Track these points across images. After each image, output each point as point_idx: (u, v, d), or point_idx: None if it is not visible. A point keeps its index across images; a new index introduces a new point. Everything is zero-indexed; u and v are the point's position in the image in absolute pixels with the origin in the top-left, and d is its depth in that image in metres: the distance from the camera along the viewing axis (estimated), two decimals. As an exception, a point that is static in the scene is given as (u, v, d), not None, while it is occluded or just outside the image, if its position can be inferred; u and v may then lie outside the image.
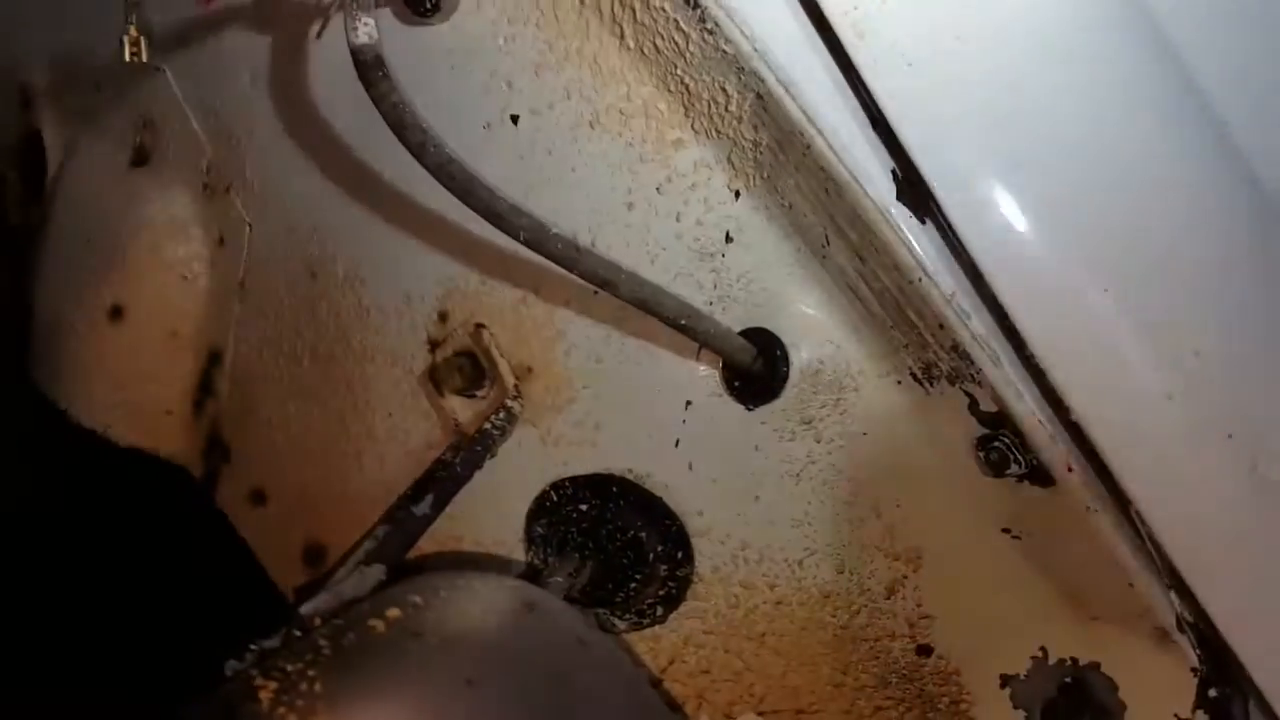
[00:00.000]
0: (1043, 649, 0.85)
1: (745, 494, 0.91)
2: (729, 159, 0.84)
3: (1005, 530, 0.84)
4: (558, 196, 0.89)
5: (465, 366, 0.95)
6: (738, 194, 0.85)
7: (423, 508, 0.82)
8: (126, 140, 1.28)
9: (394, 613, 0.62)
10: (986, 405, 0.80)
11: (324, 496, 1.13)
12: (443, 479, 0.84)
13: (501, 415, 0.92)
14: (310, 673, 0.59)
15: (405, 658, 0.59)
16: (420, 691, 0.58)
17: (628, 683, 0.70)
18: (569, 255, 0.81)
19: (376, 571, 0.74)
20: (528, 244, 0.81)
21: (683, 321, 0.82)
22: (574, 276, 0.83)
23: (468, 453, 0.87)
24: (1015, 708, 0.87)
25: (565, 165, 0.90)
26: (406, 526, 0.80)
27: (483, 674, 0.60)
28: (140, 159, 1.28)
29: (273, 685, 0.58)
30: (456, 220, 0.95)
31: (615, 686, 0.67)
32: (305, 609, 0.69)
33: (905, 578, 0.88)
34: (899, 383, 0.84)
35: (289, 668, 0.59)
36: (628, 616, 0.97)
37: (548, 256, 0.81)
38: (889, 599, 0.89)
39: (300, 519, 1.16)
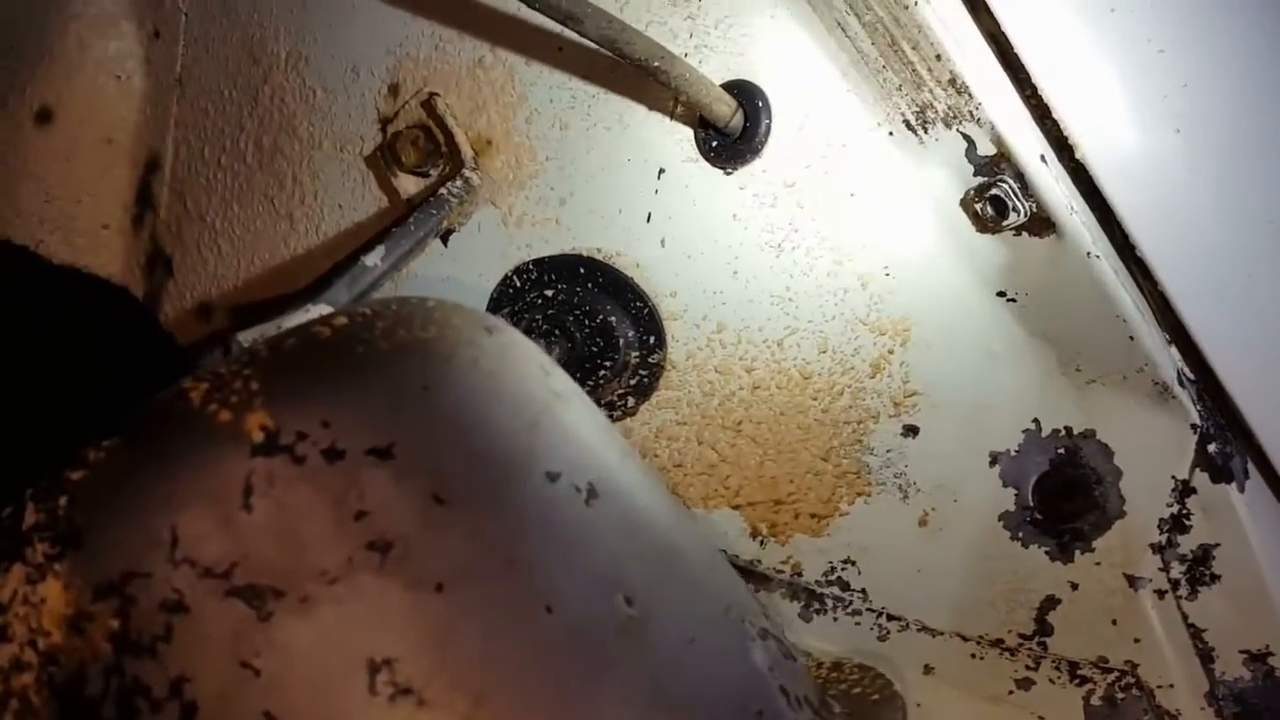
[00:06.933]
0: (1035, 421, 0.81)
1: (722, 270, 0.85)
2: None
3: (1000, 294, 0.79)
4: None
5: (419, 140, 0.88)
6: (715, -77, 0.77)
7: (373, 258, 0.75)
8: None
9: (341, 321, 0.55)
10: (985, 148, 0.74)
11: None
12: (395, 234, 0.77)
13: (459, 184, 0.84)
14: (246, 372, 0.52)
15: (352, 359, 0.53)
16: (370, 392, 0.52)
17: (595, 415, 0.63)
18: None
19: (321, 311, 0.67)
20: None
21: (655, 64, 0.75)
22: (534, 16, 0.75)
23: (421, 212, 0.79)
24: (1005, 485, 0.82)
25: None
26: (355, 274, 0.73)
27: (438, 381, 0.54)
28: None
29: (204, 386, 0.52)
30: (408, -26, 0.87)
31: (581, 414, 0.61)
32: (242, 336, 0.63)
33: (891, 353, 0.83)
34: (891, 134, 0.78)
35: (222, 370, 0.53)
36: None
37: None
38: (874, 377, 0.84)
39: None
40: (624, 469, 0.60)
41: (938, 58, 0.72)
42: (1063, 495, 0.80)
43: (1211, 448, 0.75)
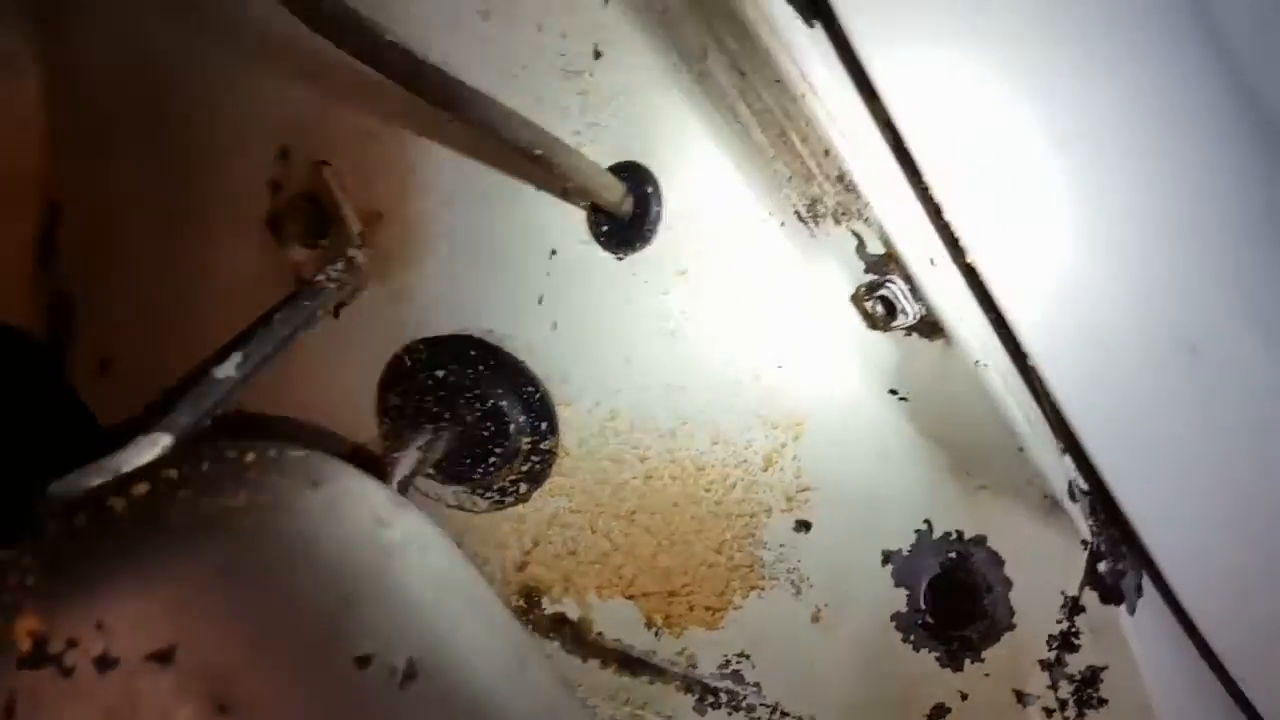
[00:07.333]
0: (927, 522, 0.78)
1: (615, 356, 0.82)
2: (594, -40, 0.73)
3: (892, 392, 0.76)
4: (405, 3, 0.78)
5: (307, 211, 0.84)
6: None
7: (226, 369, 0.70)
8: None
9: (141, 489, 0.51)
10: (874, 247, 0.71)
11: (172, 366, 1.03)
12: (257, 337, 0.73)
13: (340, 266, 0.81)
14: (25, 562, 0.48)
15: (140, 543, 0.49)
16: (156, 584, 0.47)
17: (437, 563, 0.59)
18: (409, 67, 0.69)
19: (158, 441, 0.63)
20: (358, 55, 0.69)
21: (538, 152, 0.71)
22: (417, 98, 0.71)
23: (290, 308, 0.75)
24: (896, 585, 0.80)
25: (412, -29, 0.78)
26: (201, 390, 0.69)
27: (237, 563, 0.50)
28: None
29: (-24, 584, 0.48)
30: (298, 41, 0.83)
31: (416, 569, 0.57)
32: (55, 488, 0.57)
33: (784, 446, 0.80)
34: (782, 224, 0.75)
35: (4, 559, 0.49)
36: (489, 495, 0.89)
37: (383, 71, 0.69)
38: (766, 471, 0.81)
39: (149, 392, 1.05)
40: (457, 631, 0.56)
41: (826, 153, 0.69)
42: (952, 601, 0.77)
43: (1102, 566, 0.72)
